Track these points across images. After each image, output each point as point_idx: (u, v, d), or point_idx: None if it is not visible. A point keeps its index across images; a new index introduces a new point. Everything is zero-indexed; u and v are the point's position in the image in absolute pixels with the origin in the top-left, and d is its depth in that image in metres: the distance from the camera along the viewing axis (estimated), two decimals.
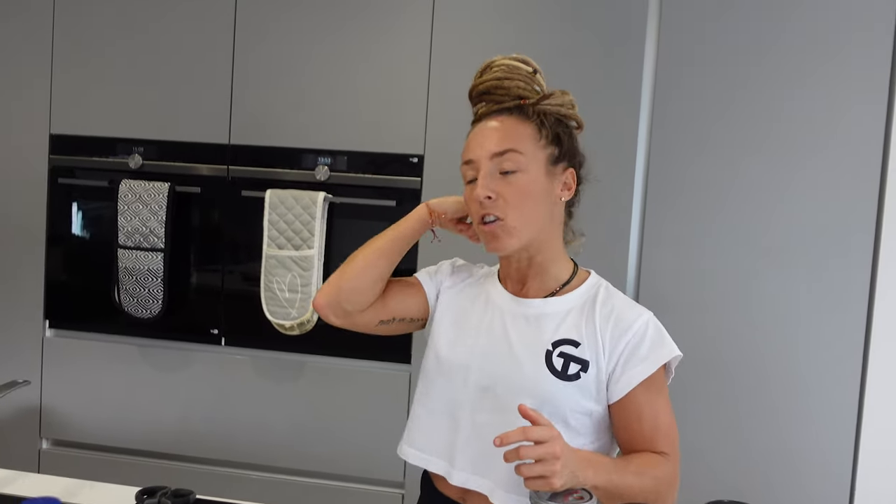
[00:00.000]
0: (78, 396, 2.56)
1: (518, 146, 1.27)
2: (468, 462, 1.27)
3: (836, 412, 2.17)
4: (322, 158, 2.40)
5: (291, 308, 2.36)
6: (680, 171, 2.23)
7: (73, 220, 2.58)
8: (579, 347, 1.25)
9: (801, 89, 2.16)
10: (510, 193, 1.25)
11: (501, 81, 1.30)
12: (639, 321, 1.26)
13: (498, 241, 1.27)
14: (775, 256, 2.19)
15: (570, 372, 1.24)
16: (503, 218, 1.25)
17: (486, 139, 1.29)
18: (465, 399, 1.30)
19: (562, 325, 1.28)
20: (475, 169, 1.29)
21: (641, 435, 1.24)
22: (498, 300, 1.35)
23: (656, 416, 1.25)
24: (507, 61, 1.33)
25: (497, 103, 1.32)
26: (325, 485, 2.42)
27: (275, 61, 2.42)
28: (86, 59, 2.53)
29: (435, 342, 1.38)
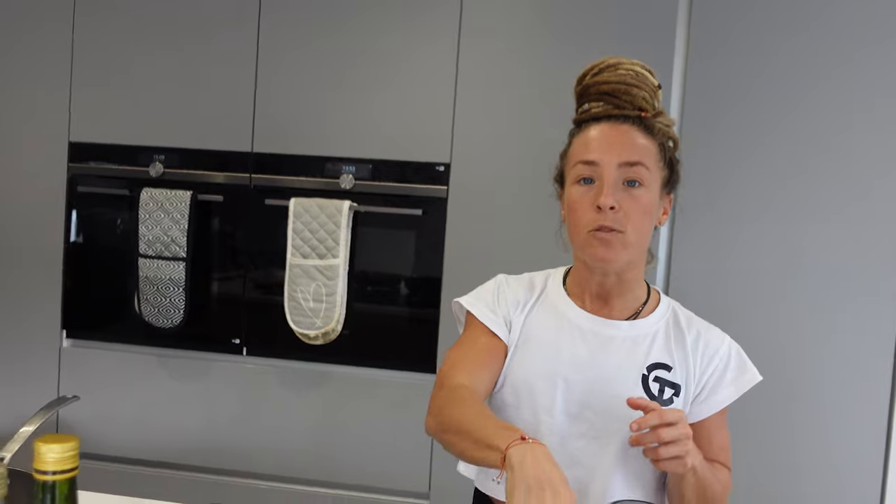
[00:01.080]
0: (97, 407, 2.53)
1: (646, 161, 1.21)
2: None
3: (865, 425, 2.16)
4: (347, 167, 2.38)
5: (316, 318, 2.34)
6: (711, 179, 2.22)
7: (92, 229, 2.55)
8: (672, 371, 1.24)
9: (838, 95, 2.15)
10: (633, 208, 1.19)
11: (630, 88, 1.23)
12: (723, 346, 1.28)
13: (612, 252, 1.20)
14: (803, 275, 2.18)
15: (665, 396, 1.22)
16: (623, 231, 1.19)
17: (614, 144, 1.21)
18: (551, 426, 1.23)
19: (652, 348, 1.25)
20: (596, 172, 1.20)
21: (710, 453, 1.25)
22: (578, 320, 1.28)
23: (724, 438, 1.29)
24: (637, 67, 1.26)
25: (618, 108, 1.24)
26: (350, 496, 2.39)
27: (298, 68, 2.40)
28: (105, 65, 2.50)
29: (512, 370, 1.28)
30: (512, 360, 1.28)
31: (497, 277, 1.38)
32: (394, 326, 2.37)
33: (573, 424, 1.22)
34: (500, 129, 2.29)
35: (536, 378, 1.24)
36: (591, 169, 1.21)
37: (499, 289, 1.34)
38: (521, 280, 1.38)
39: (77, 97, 2.52)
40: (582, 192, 1.22)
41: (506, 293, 1.33)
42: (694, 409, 1.25)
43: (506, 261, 1.58)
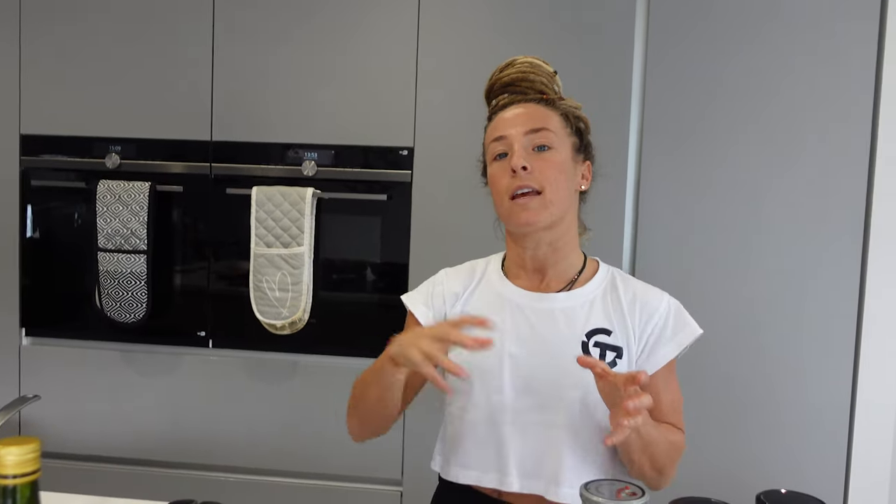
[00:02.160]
0: (60, 406, 2.47)
1: (550, 125, 1.30)
2: (519, 468, 1.26)
3: (829, 404, 2.20)
4: (309, 153, 2.35)
5: (282, 307, 2.31)
6: (672, 156, 2.23)
7: (48, 224, 2.48)
8: (612, 335, 1.27)
9: (792, 78, 2.17)
10: (546, 167, 1.26)
11: (527, 75, 1.34)
12: (662, 305, 1.31)
13: (532, 214, 1.25)
14: (768, 242, 2.20)
15: (607, 360, 1.25)
16: (540, 190, 1.25)
17: (517, 118, 1.30)
18: (503, 404, 1.27)
19: (591, 314, 1.29)
20: (506, 144, 1.28)
21: (660, 412, 1.28)
22: (515, 298, 1.32)
23: (673, 394, 1.31)
24: (531, 59, 1.37)
25: (521, 94, 1.34)
26: (323, 485, 2.38)
27: (257, 53, 2.35)
28: (55, 54, 2.43)
29: (456, 355, 1.27)
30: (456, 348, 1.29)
31: (438, 273, 1.43)
32: (361, 314, 2.35)
33: (523, 399, 1.25)
34: (463, 112, 2.26)
35: (483, 360, 1.26)
36: (502, 143, 1.29)
37: (436, 284, 1.40)
38: (461, 270, 1.42)
39: (27, 88, 2.44)
40: (498, 166, 1.29)
41: (443, 288, 1.39)
42: (640, 367, 1.28)
43: (472, 244, 1.58)
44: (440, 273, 1.43)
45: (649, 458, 1.21)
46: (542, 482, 1.25)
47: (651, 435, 1.19)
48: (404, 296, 1.43)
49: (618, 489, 1.03)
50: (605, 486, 1.05)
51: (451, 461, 1.34)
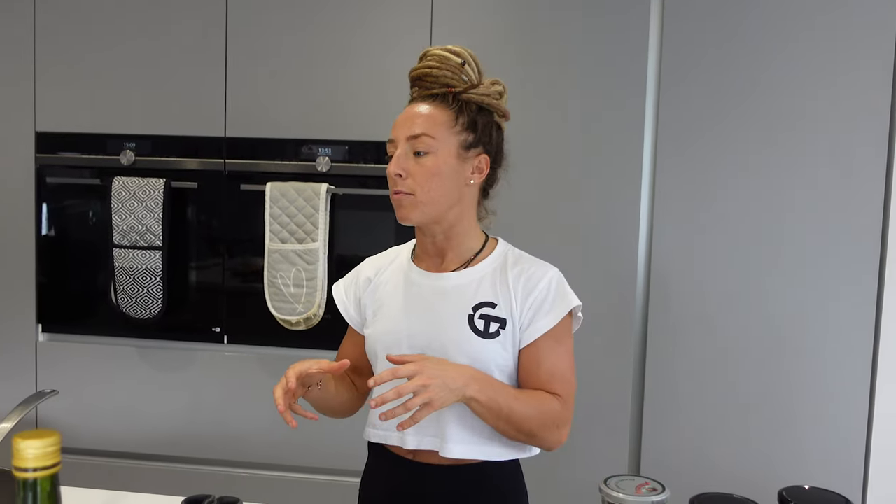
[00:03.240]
0: (77, 402, 2.48)
1: (431, 131, 1.37)
2: (415, 427, 1.33)
3: (848, 402, 2.18)
4: (323, 149, 2.34)
5: (297, 303, 2.31)
6: (688, 156, 2.21)
7: (64, 221, 2.49)
8: (496, 308, 1.38)
9: (809, 80, 2.15)
10: (419, 172, 1.37)
11: (431, 70, 1.41)
12: (545, 278, 1.40)
13: (404, 211, 1.39)
14: (784, 240, 2.18)
15: (490, 331, 1.37)
16: (412, 193, 1.37)
17: (406, 122, 1.39)
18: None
19: (479, 290, 1.41)
20: (393, 147, 1.41)
21: (538, 378, 1.38)
22: (416, 279, 1.45)
23: (554, 362, 1.38)
24: (439, 51, 1.42)
25: (426, 89, 1.42)
26: (338, 481, 2.38)
27: (269, 50, 2.35)
28: (69, 53, 2.44)
29: (369, 332, 1.47)
30: (372, 326, 1.46)
31: (362, 264, 1.57)
32: None
33: None
34: None
35: (386, 336, 1.42)
36: (391, 145, 1.42)
37: (358, 272, 1.55)
38: (380, 256, 1.56)
39: (42, 86, 2.45)
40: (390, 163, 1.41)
41: (359, 274, 1.54)
42: (521, 337, 1.39)
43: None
44: (364, 261, 1.57)
45: (506, 422, 1.31)
46: (434, 439, 1.38)
47: (500, 407, 1.30)
48: (334, 285, 1.58)
49: (638, 485, 1.03)
50: (625, 482, 1.04)
51: (368, 423, 1.48)
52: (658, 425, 2.27)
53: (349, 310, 1.54)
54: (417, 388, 1.19)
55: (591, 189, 2.25)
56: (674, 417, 2.26)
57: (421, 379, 1.20)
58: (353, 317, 1.54)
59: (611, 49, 2.22)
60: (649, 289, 2.26)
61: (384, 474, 1.47)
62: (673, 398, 2.25)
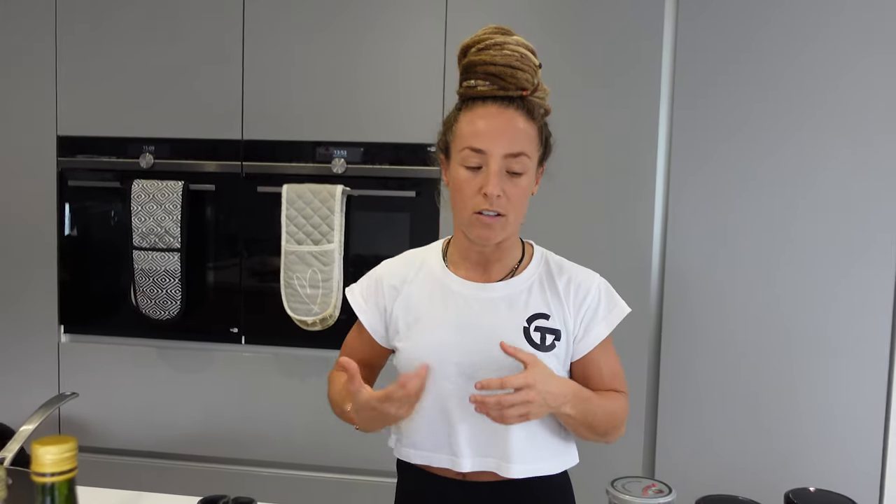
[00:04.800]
0: (97, 401, 2.53)
1: (528, 150, 1.30)
2: (469, 448, 1.33)
3: (864, 404, 2.17)
4: (338, 151, 2.36)
5: (313, 304, 2.33)
6: (703, 155, 2.21)
7: (85, 223, 2.53)
8: (550, 319, 1.34)
9: (827, 85, 2.14)
10: (515, 194, 1.29)
11: (515, 71, 1.29)
12: (593, 286, 1.38)
13: (493, 233, 1.30)
14: (800, 241, 2.18)
15: (547, 343, 1.33)
16: (505, 215, 1.29)
17: (500, 134, 1.28)
18: (451, 391, 1.33)
19: (529, 301, 1.36)
20: (483, 160, 1.28)
21: (602, 383, 1.38)
22: (458, 289, 1.38)
23: (612, 363, 1.40)
24: (521, 49, 1.31)
25: (503, 89, 1.31)
26: (356, 480, 2.40)
27: (285, 53, 2.38)
28: (90, 58, 2.47)
29: (404, 347, 1.39)
30: (408, 339, 1.38)
31: (380, 265, 1.48)
32: None
33: (470, 384, 1.27)
34: None
35: (430, 350, 1.34)
36: (478, 157, 1.28)
37: (375, 277, 1.46)
38: (400, 261, 1.47)
39: (63, 91, 2.50)
40: (470, 176, 1.29)
41: (380, 281, 1.44)
42: (576, 348, 1.36)
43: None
44: (381, 265, 1.48)
45: (589, 429, 1.32)
46: (493, 460, 1.33)
47: (587, 412, 1.29)
48: (348, 288, 1.49)
49: (644, 487, 1.04)
50: (633, 483, 1.05)
51: (404, 441, 1.40)
52: (672, 426, 2.27)
53: (370, 318, 1.44)
54: (522, 402, 1.16)
55: (605, 190, 2.25)
56: (688, 418, 2.26)
57: (529, 394, 1.17)
58: (374, 326, 1.44)
59: (626, 49, 2.22)
60: (663, 290, 2.26)
61: (429, 495, 1.39)
62: (687, 399, 2.25)
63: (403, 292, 1.41)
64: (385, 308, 1.42)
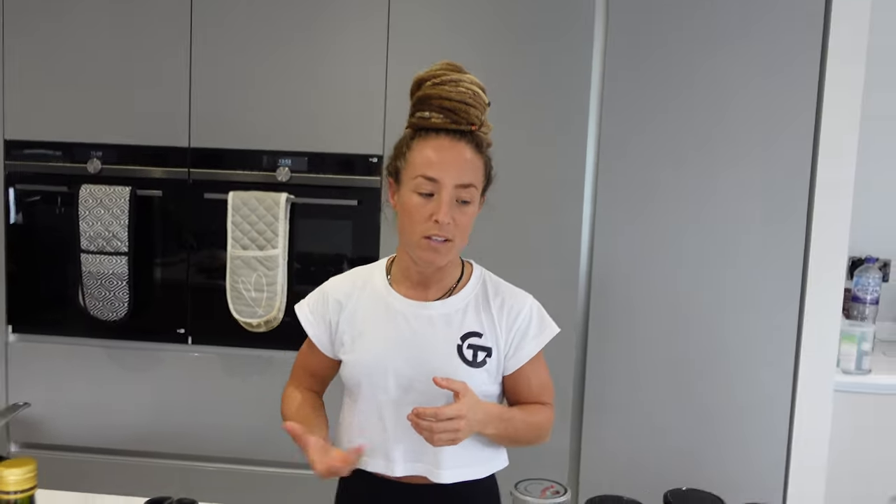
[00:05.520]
0: (45, 399, 2.58)
1: (476, 181, 1.42)
2: (402, 454, 1.45)
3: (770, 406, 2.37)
4: (283, 160, 2.46)
5: (258, 307, 2.43)
6: (629, 162, 2.36)
7: (32, 226, 2.58)
8: (482, 337, 1.45)
9: (740, 85, 2.31)
10: (462, 221, 1.40)
11: (468, 108, 1.40)
12: (525, 307, 1.49)
13: (440, 256, 1.41)
14: (716, 243, 2.35)
15: (478, 360, 1.44)
16: (452, 240, 1.39)
17: (452, 165, 1.39)
18: (388, 401, 1.45)
19: (464, 320, 1.46)
20: (436, 188, 1.38)
21: (531, 395, 1.51)
22: (399, 307, 1.48)
23: (540, 377, 1.52)
24: (474, 87, 1.42)
25: (455, 123, 1.41)
26: (298, 474, 2.51)
27: (233, 62, 2.45)
28: (37, 62, 2.51)
29: (348, 360, 1.49)
30: (352, 352, 1.48)
31: (327, 281, 1.58)
32: None
33: (406, 395, 1.43)
34: None
35: (372, 363, 1.46)
36: (431, 185, 1.38)
37: (323, 293, 1.55)
38: (346, 278, 1.57)
39: (10, 94, 2.53)
40: (421, 203, 1.39)
41: (328, 297, 1.54)
42: (507, 364, 1.48)
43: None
44: (328, 282, 1.58)
45: (512, 442, 1.47)
46: (424, 465, 1.44)
47: (509, 430, 1.44)
48: (297, 305, 1.58)
49: (543, 488, 1.18)
50: (533, 485, 1.20)
51: (344, 445, 1.50)
52: (596, 429, 2.43)
53: (317, 331, 1.54)
54: (452, 429, 1.28)
55: (534, 196, 2.38)
56: (612, 420, 2.42)
57: (458, 423, 1.29)
58: (321, 339, 1.54)
59: (555, 47, 2.34)
60: (590, 294, 2.41)
61: (366, 494, 1.50)
62: (611, 402, 2.41)
63: (349, 308, 1.50)
64: (331, 322, 1.52)
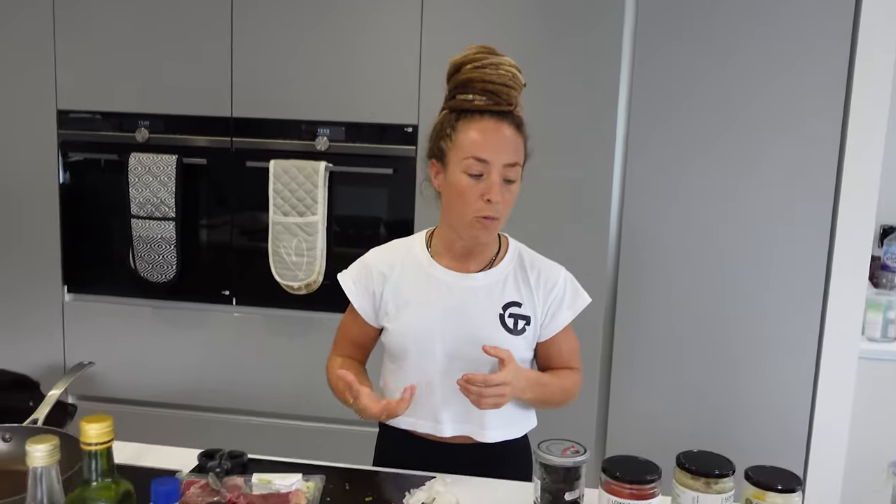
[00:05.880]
0: (100, 355, 2.73)
1: (520, 160, 1.51)
2: (450, 417, 1.55)
3: (794, 367, 2.43)
4: (321, 129, 2.55)
5: (298, 270, 2.55)
6: (661, 126, 2.41)
7: (85, 193, 2.72)
8: (522, 306, 1.56)
9: (773, 66, 2.33)
10: (508, 199, 1.49)
11: (508, 90, 1.47)
12: (560, 279, 1.60)
13: (488, 234, 1.51)
14: (743, 209, 2.40)
15: (519, 328, 1.55)
16: (499, 218, 1.48)
17: (501, 147, 1.47)
18: (436, 368, 1.54)
19: (504, 290, 1.56)
20: (486, 169, 1.45)
21: (561, 360, 1.63)
22: (442, 277, 1.57)
23: (570, 343, 1.64)
24: (513, 69, 1.49)
25: (496, 104, 1.48)
26: (336, 428, 2.65)
27: (273, 35, 2.53)
28: (88, 34, 2.62)
29: (394, 328, 1.57)
30: (397, 321, 1.56)
31: (368, 253, 1.66)
32: None
33: (451, 363, 1.53)
34: None
35: (419, 331, 1.55)
36: (481, 166, 1.45)
37: (365, 265, 1.63)
38: (387, 249, 1.65)
39: (62, 67, 2.65)
40: (472, 183, 1.46)
41: (370, 268, 1.61)
42: (543, 332, 1.59)
43: None
44: (370, 253, 1.65)
45: (545, 405, 1.60)
46: (471, 426, 1.55)
47: (544, 394, 1.55)
48: (340, 274, 1.66)
49: (564, 448, 1.28)
50: (555, 444, 1.29)
51: None
52: (623, 389, 2.52)
53: (361, 302, 1.61)
54: (498, 394, 1.38)
55: (564, 163, 2.44)
56: (638, 382, 2.51)
57: (504, 389, 1.39)
58: (365, 309, 1.61)
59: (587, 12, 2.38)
60: (619, 256, 2.48)
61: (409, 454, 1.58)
62: (638, 365, 2.50)
63: (392, 278, 1.58)
64: (374, 292, 1.60)
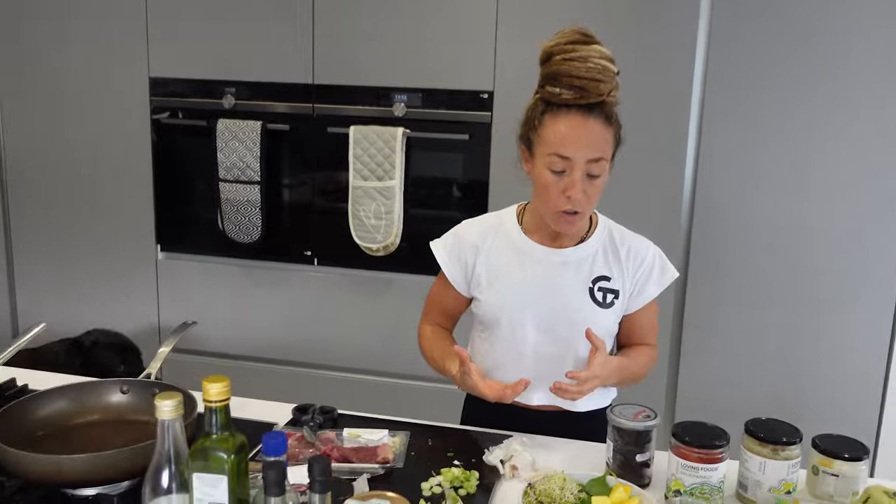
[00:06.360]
0: (190, 310, 2.92)
1: (606, 154, 1.47)
2: (542, 387, 1.56)
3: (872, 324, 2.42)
4: (399, 96, 2.61)
5: (377, 233, 2.64)
6: (736, 91, 2.39)
7: (176, 156, 2.86)
8: (611, 280, 1.59)
9: (855, 28, 2.28)
10: (593, 193, 1.49)
11: (598, 84, 1.42)
12: (648, 254, 1.62)
13: (571, 227, 1.53)
14: (819, 179, 2.38)
15: (608, 301, 1.58)
16: (582, 212, 1.49)
17: (583, 142, 1.44)
18: (527, 341, 1.59)
19: (594, 265, 1.59)
20: (568, 165, 1.45)
21: (642, 335, 1.66)
22: (533, 253, 1.60)
23: (651, 318, 1.67)
24: (603, 62, 1.42)
25: (584, 98, 1.43)
26: (411, 384, 2.77)
27: (352, 3, 2.59)
28: (177, 6, 2.73)
29: (486, 299, 1.61)
30: (489, 292, 1.60)
31: (461, 224, 1.69)
32: None
33: (543, 335, 1.58)
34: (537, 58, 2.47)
35: (510, 304, 1.59)
36: (563, 163, 1.45)
37: (457, 236, 1.66)
38: (479, 222, 1.67)
39: (154, 36, 2.77)
40: (555, 179, 1.47)
41: (463, 240, 1.65)
42: (629, 304, 1.62)
43: None
44: (462, 224, 1.68)
45: (624, 384, 1.64)
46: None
47: (625, 377, 1.59)
48: (433, 242, 1.68)
49: (635, 412, 1.34)
50: (627, 409, 1.36)
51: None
52: (694, 356, 2.56)
53: (453, 271, 1.64)
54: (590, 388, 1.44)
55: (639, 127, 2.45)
56: (709, 350, 2.54)
57: (595, 382, 1.44)
58: (456, 278, 1.64)
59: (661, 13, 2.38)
60: (692, 224, 2.49)
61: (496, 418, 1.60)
62: (709, 333, 2.53)
63: (484, 250, 1.62)
64: (467, 262, 1.63)
